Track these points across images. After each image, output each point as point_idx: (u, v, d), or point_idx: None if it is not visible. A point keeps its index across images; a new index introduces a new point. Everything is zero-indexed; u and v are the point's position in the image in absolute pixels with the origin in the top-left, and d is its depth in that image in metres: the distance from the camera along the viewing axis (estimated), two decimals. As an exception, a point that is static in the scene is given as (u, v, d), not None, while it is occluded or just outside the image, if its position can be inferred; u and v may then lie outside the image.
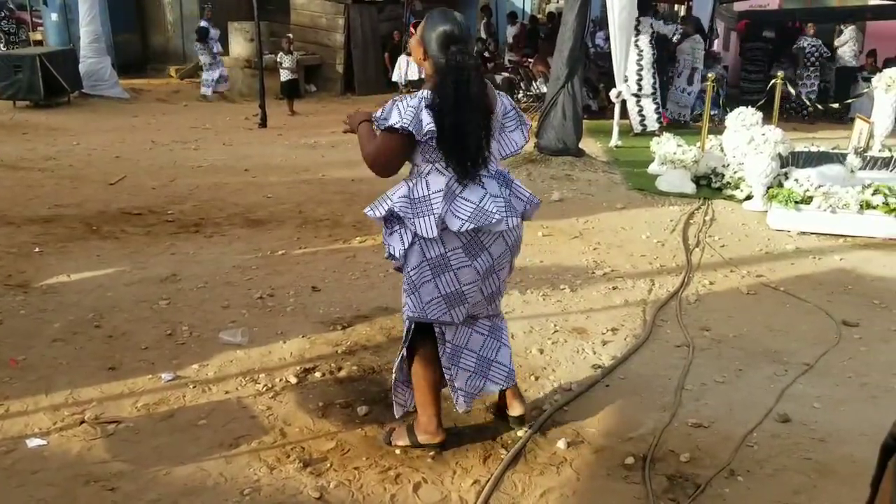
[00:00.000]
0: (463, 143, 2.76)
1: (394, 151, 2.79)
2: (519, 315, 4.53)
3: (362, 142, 2.92)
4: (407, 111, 2.71)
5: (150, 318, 4.32)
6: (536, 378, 3.77)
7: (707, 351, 4.17)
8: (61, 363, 3.78)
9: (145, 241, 5.70)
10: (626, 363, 3.97)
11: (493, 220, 2.82)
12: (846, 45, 14.49)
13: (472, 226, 2.79)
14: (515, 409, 3.28)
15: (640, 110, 11.26)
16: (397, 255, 2.90)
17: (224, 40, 15.18)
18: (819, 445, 3.25)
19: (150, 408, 3.40)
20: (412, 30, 10.71)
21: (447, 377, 3.10)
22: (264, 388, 3.57)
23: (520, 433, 3.25)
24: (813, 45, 14.02)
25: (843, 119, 13.02)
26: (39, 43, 15.91)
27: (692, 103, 12.70)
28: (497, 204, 2.86)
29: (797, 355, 4.15)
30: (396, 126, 2.70)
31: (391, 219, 2.90)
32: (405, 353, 3.07)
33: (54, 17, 15.32)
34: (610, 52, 12.36)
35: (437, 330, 3.01)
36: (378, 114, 2.83)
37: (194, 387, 3.58)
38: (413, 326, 3.00)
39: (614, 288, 5.08)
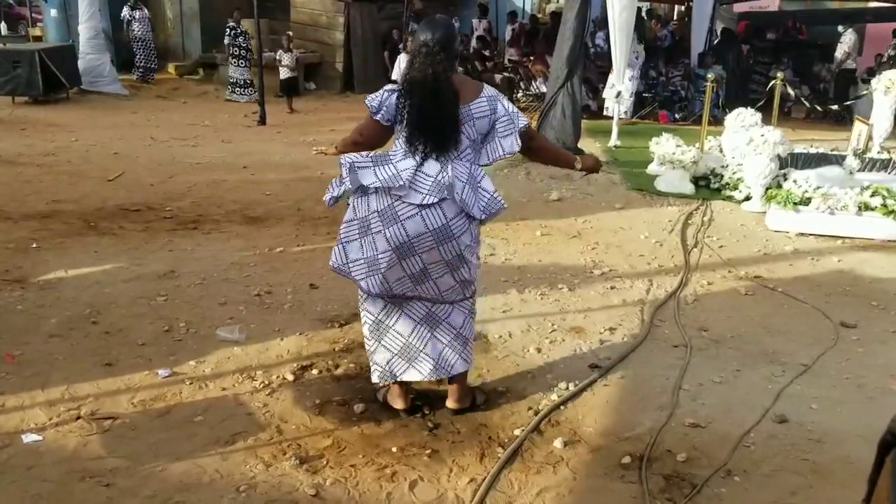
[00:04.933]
0: (417, 124, 3.00)
1: (364, 124, 3.23)
2: (517, 314, 4.53)
3: None
4: (378, 95, 3.13)
5: (147, 314, 4.31)
6: (533, 377, 3.76)
7: (705, 351, 4.17)
8: (58, 359, 3.77)
9: (143, 237, 5.69)
10: (623, 363, 3.97)
11: (398, 184, 2.95)
12: (847, 48, 14.46)
13: (377, 184, 2.98)
14: (449, 402, 3.40)
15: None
16: (329, 203, 3.23)
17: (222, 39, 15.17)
18: (816, 446, 3.25)
19: (147, 404, 3.40)
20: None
21: (367, 348, 3.34)
22: (261, 385, 3.57)
23: (516, 432, 3.25)
24: None
25: (842, 121, 13.03)
26: (39, 39, 15.87)
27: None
28: (421, 179, 2.98)
29: (795, 356, 4.15)
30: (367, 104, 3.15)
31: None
32: None
33: (54, 12, 15.27)
34: (609, 53, 12.44)
35: (359, 296, 3.27)
36: None
37: (191, 383, 3.57)
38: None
39: (612, 288, 5.08)
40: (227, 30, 14.05)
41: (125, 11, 14.91)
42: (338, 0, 15.62)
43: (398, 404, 3.37)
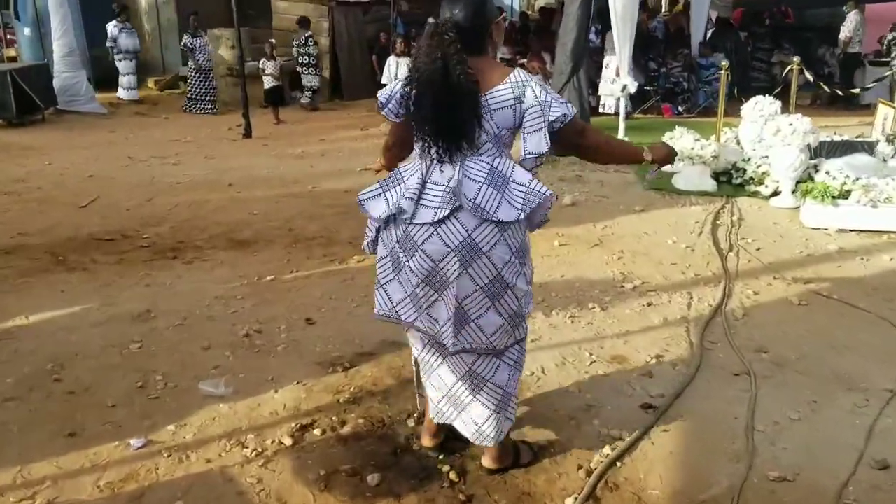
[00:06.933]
0: (424, 120, 2.46)
1: (390, 130, 2.76)
2: (547, 343, 3.93)
3: None
4: (389, 87, 2.62)
5: (118, 366, 3.69)
6: (578, 425, 3.16)
7: (770, 379, 3.58)
8: (12, 429, 3.16)
9: (117, 271, 5.06)
10: (680, 399, 3.38)
11: (402, 206, 2.47)
12: (850, 30, 13.89)
13: (388, 212, 2.52)
14: (485, 460, 2.87)
15: None
16: (366, 249, 2.72)
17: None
18: (935, 500, 2.66)
19: (116, 486, 2.79)
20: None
21: (423, 379, 2.88)
22: (253, 454, 2.96)
23: (568, 501, 2.65)
24: None
25: (852, 106, 12.49)
26: (14, 59, 15.23)
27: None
28: (431, 190, 2.45)
29: (874, 379, 3.57)
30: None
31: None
32: None
33: (27, 31, 14.64)
34: (601, 47, 11.89)
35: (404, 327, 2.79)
36: None
37: (169, 455, 2.96)
38: None
39: (649, 304, 4.49)
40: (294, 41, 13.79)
41: (186, 39, 13.60)
42: (321, 4, 15.02)
43: (426, 440, 2.97)
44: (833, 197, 6.04)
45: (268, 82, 12.80)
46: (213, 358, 3.77)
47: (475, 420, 2.69)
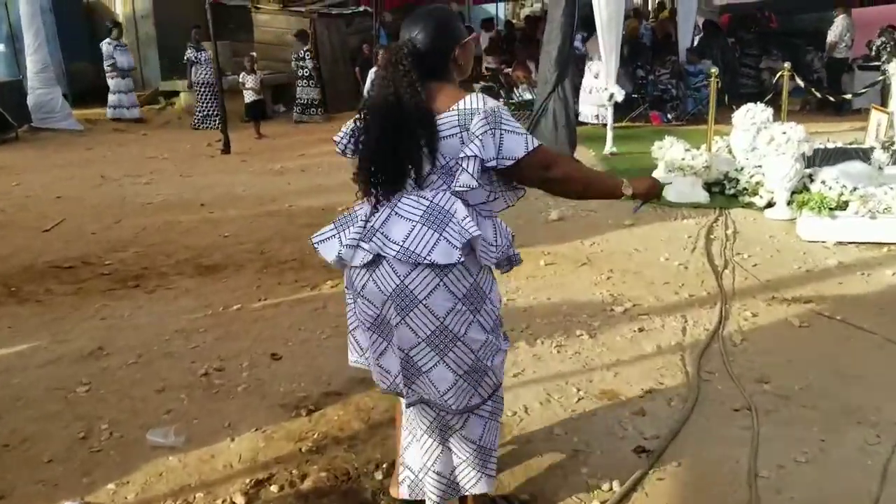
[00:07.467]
0: (370, 156, 2.23)
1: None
2: (531, 377, 3.62)
3: None
4: (349, 123, 2.36)
5: (61, 413, 3.37)
6: (565, 475, 2.85)
7: (774, 414, 3.28)
8: (-66, 491, 2.84)
9: (72, 302, 4.74)
10: (675, 441, 3.08)
11: (338, 257, 2.24)
12: (836, 35, 13.69)
13: (336, 258, 2.26)
14: None
15: None
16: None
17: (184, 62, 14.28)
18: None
19: (43, 559, 2.48)
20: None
21: (402, 444, 2.52)
22: (201, 517, 2.65)
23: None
24: None
25: (840, 111, 12.26)
26: (-10, 77, 14.91)
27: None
28: (370, 230, 2.19)
29: (885, 411, 3.28)
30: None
31: None
32: None
33: (1, 47, 14.33)
34: (585, 55, 11.62)
35: None
36: None
37: (107, 520, 2.66)
38: None
39: (640, 329, 4.20)
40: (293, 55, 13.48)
41: (189, 53, 13.16)
42: (303, 17, 14.75)
43: (394, 490, 2.65)
44: (830, 208, 5.77)
45: (248, 96, 12.54)
46: (167, 401, 3.45)
47: (444, 474, 2.39)
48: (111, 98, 13.83)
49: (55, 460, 3.01)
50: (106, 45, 13.70)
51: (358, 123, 2.26)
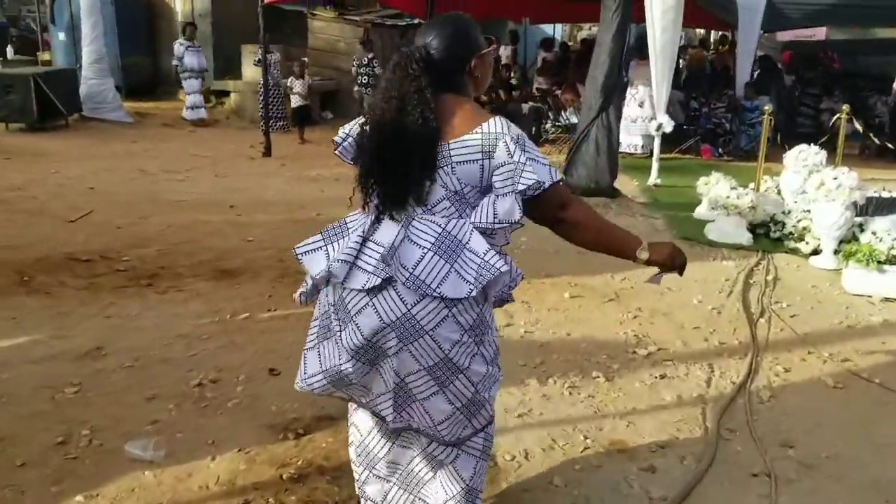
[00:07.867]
0: (370, 167, 2.08)
1: None
2: (536, 419, 3.41)
3: None
4: (349, 124, 2.23)
5: (45, 414, 3.25)
6: (559, 533, 2.64)
7: (796, 484, 3.01)
8: None
9: (81, 297, 4.66)
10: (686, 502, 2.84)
11: (334, 267, 2.04)
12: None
13: (323, 273, 2.08)
14: None
15: None
16: (299, 300, 2.26)
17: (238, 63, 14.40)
18: None
19: (-7, 573, 2.34)
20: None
21: (354, 475, 2.44)
22: (165, 542, 2.50)
23: None
24: None
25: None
26: (48, 63, 15.20)
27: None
28: (370, 250, 2.01)
29: (922, 492, 2.99)
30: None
31: None
32: None
33: (62, 36, 14.62)
34: (628, 82, 11.37)
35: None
36: None
37: (67, 536, 2.51)
38: None
39: (662, 376, 3.95)
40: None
41: (259, 54, 12.47)
42: (358, 26, 14.76)
43: None
44: (879, 262, 5.43)
45: (295, 101, 12.55)
46: (155, 411, 3.32)
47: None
48: (188, 99, 13.68)
49: (28, 464, 2.89)
50: (178, 45, 13.66)
51: (361, 129, 2.11)
